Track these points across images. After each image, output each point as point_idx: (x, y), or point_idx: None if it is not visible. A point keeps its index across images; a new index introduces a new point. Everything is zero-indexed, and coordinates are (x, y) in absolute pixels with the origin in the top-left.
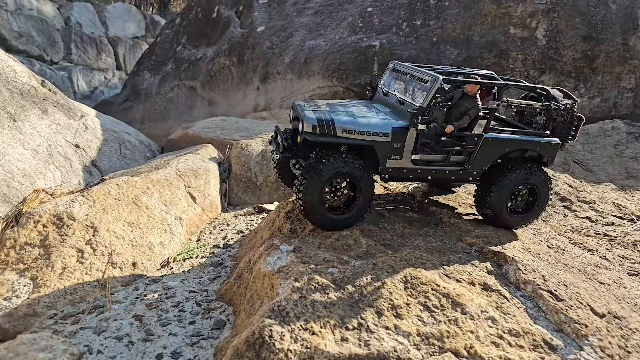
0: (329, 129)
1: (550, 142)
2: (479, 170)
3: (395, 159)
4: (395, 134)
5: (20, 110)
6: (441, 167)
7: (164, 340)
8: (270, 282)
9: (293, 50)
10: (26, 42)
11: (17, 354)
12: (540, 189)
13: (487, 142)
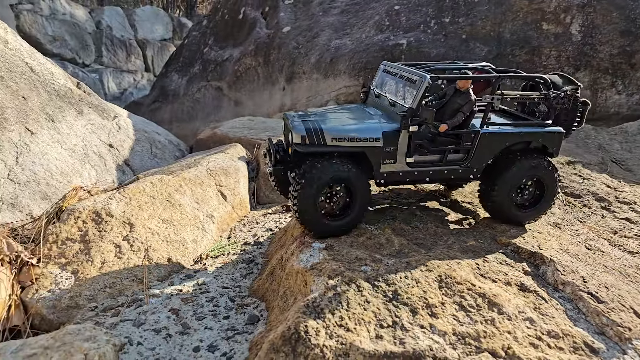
0: (319, 138)
1: (554, 131)
2: (479, 167)
3: (389, 163)
4: (386, 138)
5: (58, 111)
6: (439, 167)
7: (200, 334)
8: (304, 279)
9: (319, 49)
10: (60, 46)
11: (63, 343)
12: (547, 182)
13: (484, 138)
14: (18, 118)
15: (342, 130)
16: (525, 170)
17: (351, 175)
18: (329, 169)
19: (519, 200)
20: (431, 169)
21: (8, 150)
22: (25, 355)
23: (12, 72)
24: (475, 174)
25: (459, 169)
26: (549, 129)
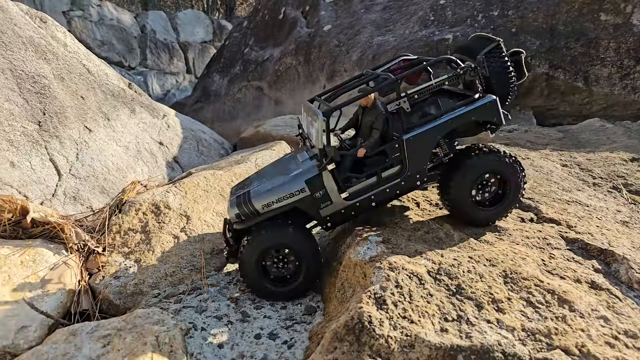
0: (250, 210)
1: (485, 102)
2: (422, 172)
3: (327, 206)
4: (311, 185)
5: (112, 110)
6: (379, 188)
7: (260, 322)
8: (362, 271)
9: (361, 47)
10: (108, 50)
11: (134, 325)
12: (507, 175)
13: (411, 143)
14: (77, 116)
15: (267, 193)
16: (482, 165)
17: (289, 239)
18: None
19: (479, 197)
20: (372, 193)
21: (69, 146)
22: (100, 335)
23: (71, 74)
24: (420, 179)
25: (401, 182)
26: (477, 104)
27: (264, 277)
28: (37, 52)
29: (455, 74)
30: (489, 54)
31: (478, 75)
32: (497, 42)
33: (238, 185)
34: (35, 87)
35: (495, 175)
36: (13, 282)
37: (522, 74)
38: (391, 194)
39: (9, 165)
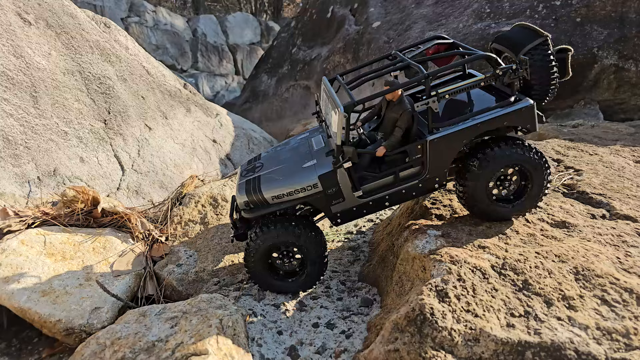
0: (260, 200)
1: (520, 107)
2: (442, 175)
3: (338, 203)
4: (324, 181)
5: (170, 109)
6: (395, 188)
7: (317, 312)
8: (422, 264)
9: (411, 42)
10: (162, 54)
11: (199, 309)
12: (529, 168)
13: (434, 145)
14: (139, 115)
15: (278, 185)
16: (500, 159)
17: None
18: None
19: (499, 193)
20: (387, 193)
21: (132, 143)
22: (168, 317)
23: (133, 75)
24: (440, 182)
25: (418, 184)
26: (512, 108)
27: (269, 270)
28: (103, 55)
29: (493, 74)
30: (533, 49)
31: (518, 78)
32: (544, 38)
33: (249, 162)
34: (101, 87)
35: (516, 169)
36: (86, 266)
37: (565, 73)
38: (407, 195)
39: (79, 160)
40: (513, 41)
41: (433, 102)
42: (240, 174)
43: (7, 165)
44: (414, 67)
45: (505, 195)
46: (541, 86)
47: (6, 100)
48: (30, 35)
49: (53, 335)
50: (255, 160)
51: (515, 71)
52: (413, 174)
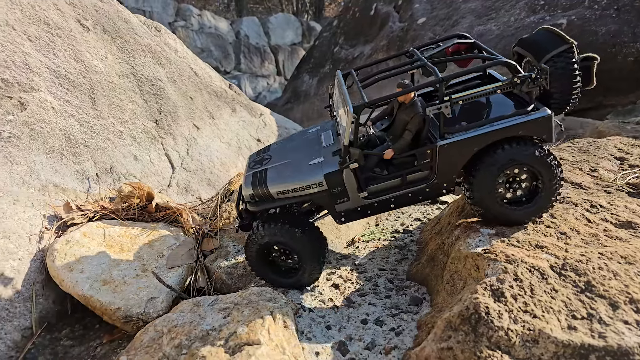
0: (265, 194)
1: (536, 117)
2: (450, 181)
3: (343, 202)
4: (330, 180)
5: (216, 109)
6: (401, 191)
7: (365, 309)
8: (475, 263)
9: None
10: (206, 56)
11: (250, 301)
12: (538, 168)
13: (444, 151)
14: (187, 115)
15: (284, 181)
16: (504, 159)
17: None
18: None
19: (509, 196)
20: (393, 195)
21: (181, 143)
22: (220, 308)
23: (182, 76)
24: (447, 188)
25: (425, 188)
26: (528, 117)
27: (267, 264)
28: (154, 58)
29: (511, 82)
30: (557, 56)
31: (537, 87)
32: (569, 45)
33: (258, 153)
34: (152, 89)
35: (524, 169)
36: (142, 258)
37: (589, 82)
38: (413, 199)
39: (132, 158)
40: (537, 46)
41: (445, 107)
42: (248, 165)
43: (69, 163)
44: (429, 68)
45: (516, 198)
46: (561, 95)
47: (68, 102)
48: (89, 40)
49: (113, 322)
50: (264, 152)
51: (534, 80)
52: (421, 178)
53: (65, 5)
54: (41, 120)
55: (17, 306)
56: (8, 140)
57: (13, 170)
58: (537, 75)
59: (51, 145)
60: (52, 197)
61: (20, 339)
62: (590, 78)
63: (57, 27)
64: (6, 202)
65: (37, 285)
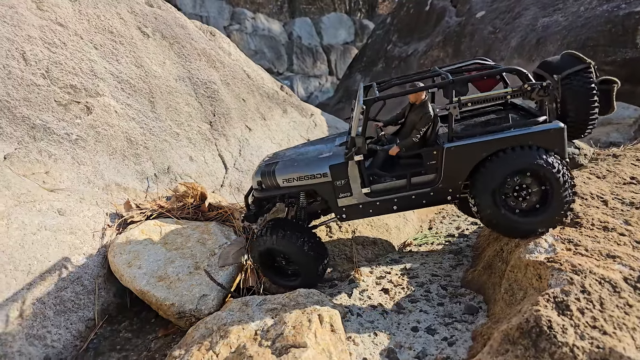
0: (272, 182)
1: (549, 129)
2: (455, 187)
3: (345, 197)
4: (334, 172)
5: (268, 111)
6: (405, 193)
7: (416, 316)
8: (537, 272)
9: (521, 31)
10: (260, 58)
11: (297, 302)
12: (546, 174)
13: (451, 153)
14: (240, 117)
15: (292, 170)
16: (509, 165)
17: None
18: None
19: (516, 205)
20: (396, 196)
21: (234, 144)
22: (268, 308)
23: (235, 79)
24: (452, 194)
25: (430, 192)
26: (539, 128)
27: (268, 265)
28: (209, 62)
29: (521, 89)
30: (573, 74)
31: (548, 96)
32: (586, 64)
33: (276, 152)
34: (207, 92)
35: (530, 177)
36: (195, 256)
37: (609, 107)
38: (416, 203)
39: (188, 159)
40: (555, 66)
41: (454, 107)
42: (263, 160)
43: (130, 164)
44: (443, 74)
45: (526, 207)
46: (577, 115)
47: (129, 105)
48: (149, 47)
49: (167, 318)
50: (283, 151)
51: (544, 88)
52: (426, 181)
53: (128, 14)
54: (105, 124)
55: (81, 298)
56: (75, 143)
57: (80, 171)
58: (547, 85)
59: (114, 147)
60: (114, 196)
61: (84, 329)
62: (610, 102)
63: (120, 35)
64: (73, 201)
65: (99, 279)
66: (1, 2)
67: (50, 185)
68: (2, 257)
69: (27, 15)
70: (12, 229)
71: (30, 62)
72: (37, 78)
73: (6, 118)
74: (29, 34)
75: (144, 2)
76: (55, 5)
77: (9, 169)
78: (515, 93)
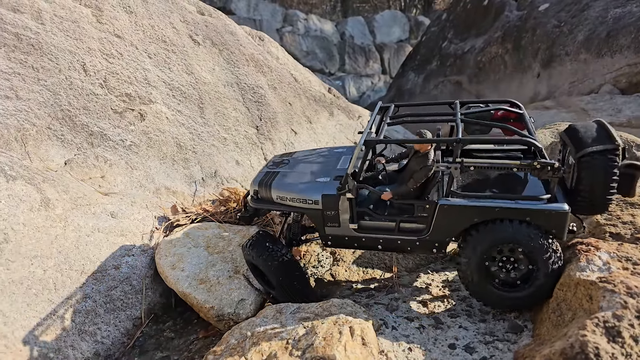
0: (267, 194)
1: (550, 210)
2: (442, 242)
3: (332, 227)
4: (326, 201)
5: (314, 114)
6: (392, 236)
7: (455, 332)
8: (587, 292)
9: (589, 24)
10: (312, 59)
11: (330, 313)
12: (532, 250)
13: (444, 210)
14: (286, 120)
15: (286, 189)
16: (500, 237)
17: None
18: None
19: (500, 275)
20: (382, 236)
21: (279, 148)
22: (301, 317)
23: (282, 83)
24: (438, 248)
25: (416, 241)
26: (542, 205)
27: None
28: (257, 67)
29: (530, 165)
30: (597, 153)
31: (556, 177)
32: (614, 146)
33: (282, 155)
34: (254, 96)
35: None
36: (235, 260)
37: (629, 192)
38: (401, 248)
39: (234, 163)
40: (581, 137)
41: (455, 169)
42: (267, 164)
43: (179, 168)
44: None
45: (510, 280)
46: (592, 195)
47: (180, 112)
48: (199, 54)
49: (207, 320)
50: (288, 156)
51: (555, 170)
52: (414, 229)
53: (180, 23)
54: (157, 130)
55: (130, 297)
56: (129, 148)
57: (133, 175)
58: (560, 166)
59: (164, 152)
60: (163, 200)
61: (131, 327)
62: (631, 187)
63: (173, 44)
64: (125, 204)
65: (147, 279)
66: (65, 18)
67: (105, 189)
68: (59, 257)
69: (87, 29)
70: (68, 231)
71: (89, 73)
72: (95, 87)
73: (67, 126)
74: (89, 46)
75: (196, 11)
76: (113, 18)
77: (68, 173)
78: (524, 167)
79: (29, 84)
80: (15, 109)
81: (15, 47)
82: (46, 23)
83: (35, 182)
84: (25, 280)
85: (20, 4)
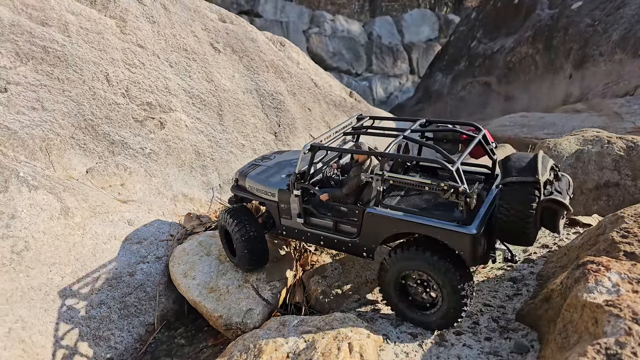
0: (243, 182)
1: (458, 231)
2: (369, 248)
3: (286, 219)
4: (281, 196)
5: (333, 119)
6: (330, 234)
7: (458, 350)
8: (593, 315)
9: (625, 23)
10: (338, 60)
11: (332, 327)
12: (438, 277)
13: (369, 217)
14: (304, 126)
15: (256, 180)
16: (406, 259)
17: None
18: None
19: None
20: (323, 234)
21: None
22: (303, 330)
23: (301, 88)
24: (367, 252)
25: (349, 243)
26: (451, 226)
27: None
28: (276, 73)
29: (438, 185)
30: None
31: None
32: (534, 179)
33: (274, 152)
34: (273, 103)
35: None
36: None
37: (553, 227)
38: (337, 247)
39: None
40: (509, 166)
41: (376, 180)
42: (256, 158)
43: (197, 175)
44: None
45: (421, 301)
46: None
47: (199, 119)
48: (219, 61)
49: (216, 328)
50: (278, 153)
51: (458, 194)
52: (348, 232)
53: (201, 31)
54: (176, 137)
55: (143, 304)
56: (149, 156)
57: (151, 182)
58: (465, 190)
59: (183, 159)
60: (180, 207)
61: (144, 333)
62: (554, 222)
63: (193, 52)
64: (142, 212)
65: (160, 286)
66: (91, 29)
67: (124, 197)
68: (76, 264)
69: (111, 40)
70: (86, 239)
71: (112, 83)
72: (117, 97)
73: (90, 135)
74: (113, 56)
75: (217, 19)
76: (136, 29)
77: (89, 182)
78: (433, 186)
79: (55, 95)
80: (40, 119)
81: (42, 60)
82: (72, 35)
83: (56, 192)
84: (44, 287)
85: (48, 17)
